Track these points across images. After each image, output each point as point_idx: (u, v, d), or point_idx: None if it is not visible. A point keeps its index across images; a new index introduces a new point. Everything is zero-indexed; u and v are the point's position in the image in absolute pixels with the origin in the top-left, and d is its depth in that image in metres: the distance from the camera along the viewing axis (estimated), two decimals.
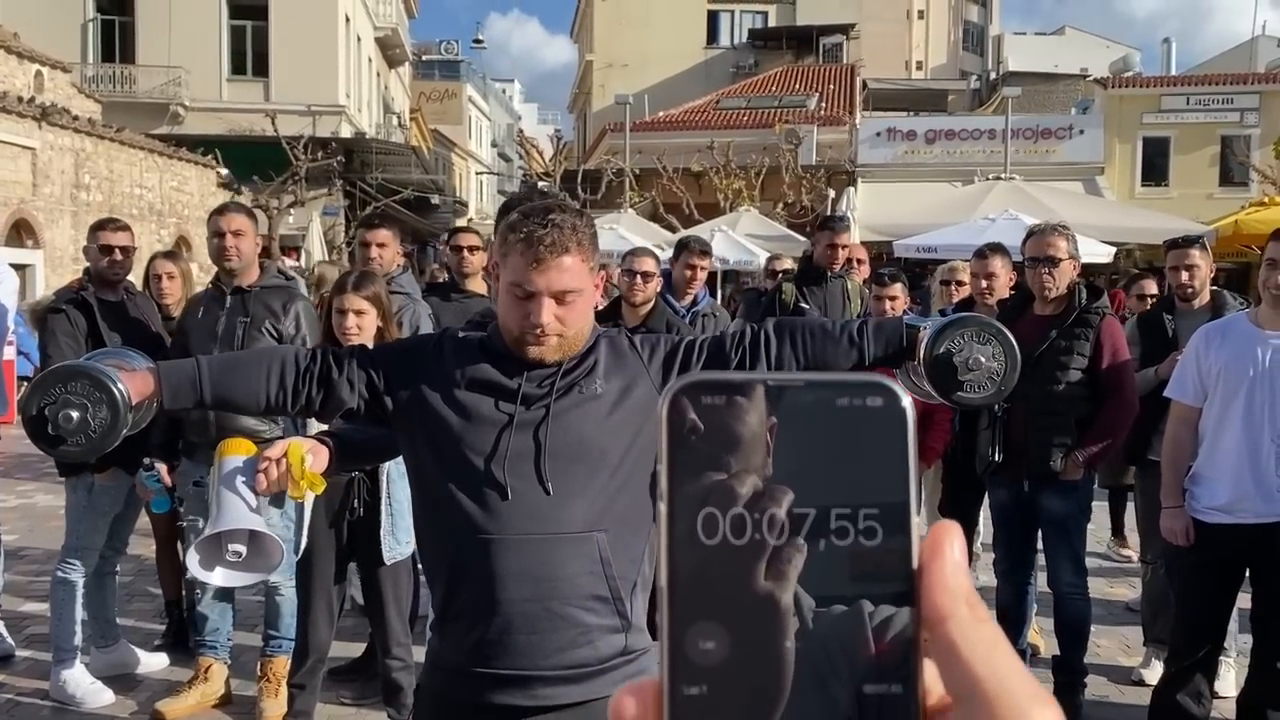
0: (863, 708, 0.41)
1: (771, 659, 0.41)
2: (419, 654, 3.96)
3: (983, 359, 2.08)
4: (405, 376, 2.04)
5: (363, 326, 3.54)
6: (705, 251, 5.32)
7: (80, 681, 4.43)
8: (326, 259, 16.84)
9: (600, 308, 4.22)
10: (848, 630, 0.41)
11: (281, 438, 3.30)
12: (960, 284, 5.74)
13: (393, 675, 3.78)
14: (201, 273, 11.79)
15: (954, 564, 0.41)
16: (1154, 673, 4.65)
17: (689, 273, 5.23)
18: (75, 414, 1.84)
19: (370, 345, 3.48)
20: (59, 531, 6.82)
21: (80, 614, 4.53)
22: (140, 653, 4.81)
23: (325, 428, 2.80)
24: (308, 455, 2.28)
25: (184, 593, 4.99)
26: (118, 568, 4.82)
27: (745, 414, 0.42)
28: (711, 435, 0.42)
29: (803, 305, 5.60)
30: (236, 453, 2.37)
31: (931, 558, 0.42)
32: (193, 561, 2.33)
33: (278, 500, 2.79)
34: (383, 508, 3.63)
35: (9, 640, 4.94)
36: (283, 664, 4.26)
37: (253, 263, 4.31)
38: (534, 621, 1.92)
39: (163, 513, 4.68)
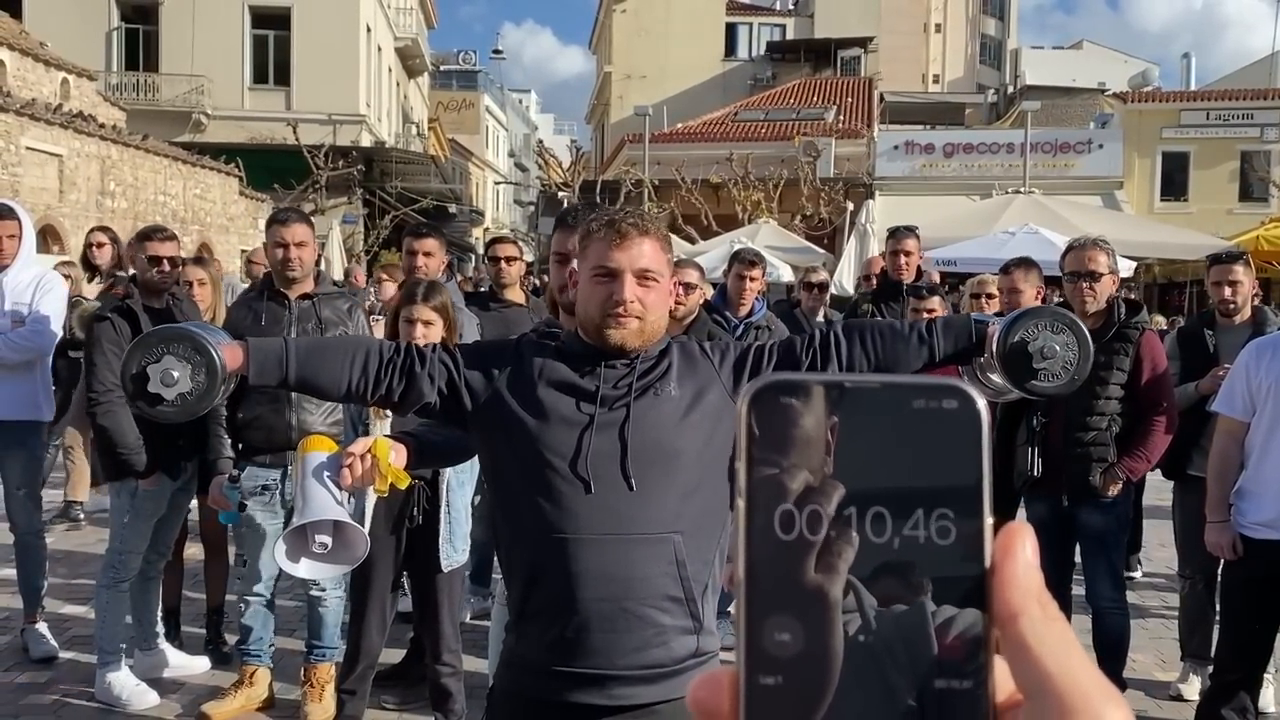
0: (932, 702, 0.41)
1: (841, 655, 0.42)
2: (468, 662, 4.02)
3: (1057, 347, 2.13)
4: (485, 376, 2.09)
5: (429, 337, 3.53)
6: (755, 262, 5.31)
7: (125, 683, 4.48)
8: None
9: None
10: (911, 628, 0.42)
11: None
12: (990, 297, 5.74)
13: (442, 681, 3.82)
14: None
15: (1025, 563, 0.42)
16: (1192, 688, 4.66)
17: (741, 284, 5.23)
18: (176, 373, 1.86)
19: None
20: (94, 535, 6.91)
21: (125, 617, 4.58)
22: (182, 656, 4.86)
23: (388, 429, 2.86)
24: (391, 451, 2.34)
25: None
26: (161, 571, 4.86)
27: (822, 414, 0.43)
28: (789, 434, 0.43)
29: None
30: (320, 449, 2.42)
31: (1003, 556, 0.42)
32: (279, 553, 2.37)
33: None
34: (442, 516, 3.67)
35: (52, 642, 4.99)
36: (326, 670, 4.31)
37: (312, 271, 4.38)
38: (611, 621, 1.95)
39: (231, 524, 4.67)
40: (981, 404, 0.43)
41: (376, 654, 3.85)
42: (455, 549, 3.70)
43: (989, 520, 0.43)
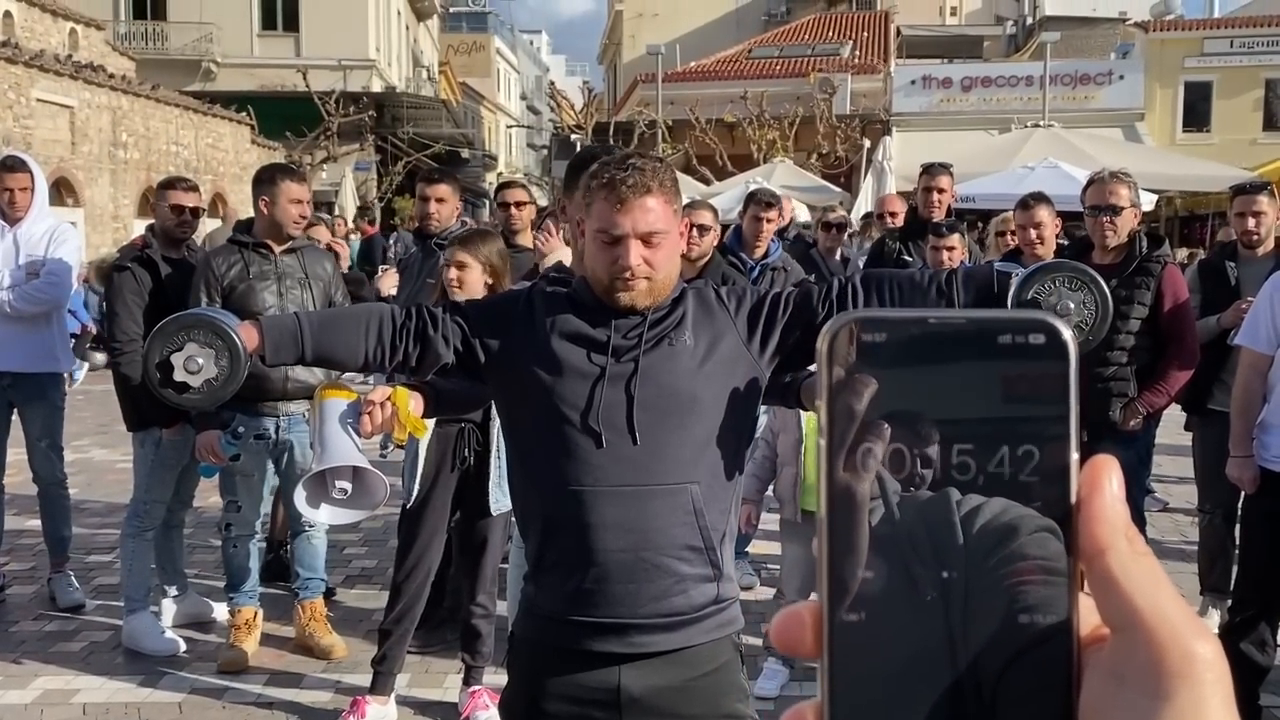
0: (1020, 634, 0.41)
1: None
2: (500, 607, 4.07)
3: (1072, 305, 2.05)
4: (498, 331, 2.08)
5: (464, 280, 3.54)
6: (771, 203, 5.24)
7: (151, 630, 4.54)
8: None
9: None
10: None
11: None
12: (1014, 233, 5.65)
13: (473, 621, 3.90)
14: None
15: (1112, 496, 0.41)
16: (1211, 622, 4.66)
17: (757, 225, 5.17)
18: (201, 360, 1.88)
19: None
20: (117, 485, 6.98)
21: (150, 566, 4.64)
22: (211, 602, 4.92)
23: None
24: (411, 400, 2.35)
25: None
26: (183, 520, 4.91)
27: (906, 350, 0.42)
28: (872, 371, 0.42)
29: (905, 259, 5.42)
30: (338, 396, 2.43)
31: (1090, 491, 0.42)
32: (299, 499, 2.39)
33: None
34: (492, 459, 3.69)
35: (79, 590, 5.06)
36: (321, 604, 4.55)
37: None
38: (630, 571, 1.95)
39: (209, 478, 4.69)
40: (1068, 336, 0.43)
41: (419, 596, 3.89)
42: (504, 492, 3.71)
43: (1075, 456, 0.42)
